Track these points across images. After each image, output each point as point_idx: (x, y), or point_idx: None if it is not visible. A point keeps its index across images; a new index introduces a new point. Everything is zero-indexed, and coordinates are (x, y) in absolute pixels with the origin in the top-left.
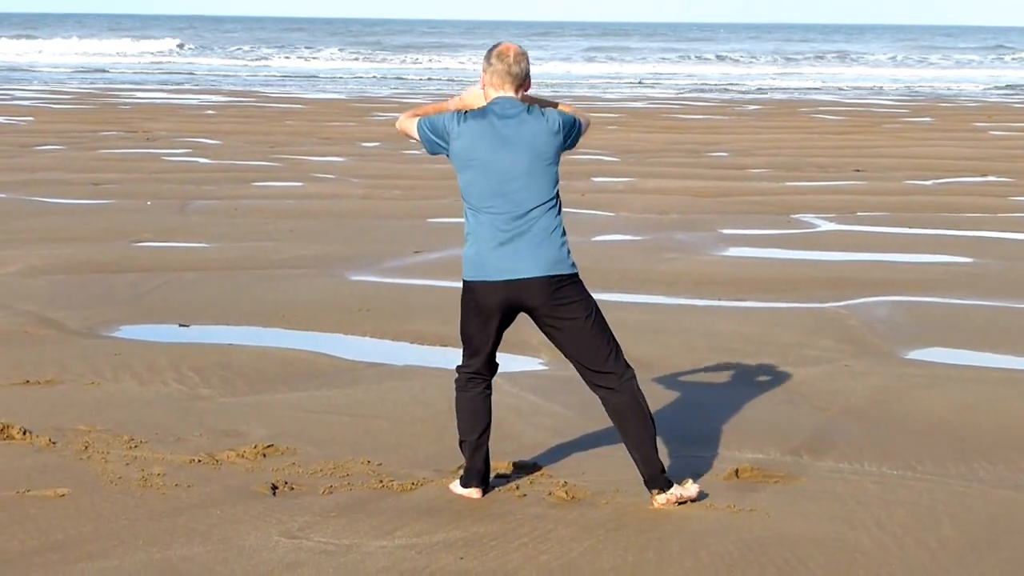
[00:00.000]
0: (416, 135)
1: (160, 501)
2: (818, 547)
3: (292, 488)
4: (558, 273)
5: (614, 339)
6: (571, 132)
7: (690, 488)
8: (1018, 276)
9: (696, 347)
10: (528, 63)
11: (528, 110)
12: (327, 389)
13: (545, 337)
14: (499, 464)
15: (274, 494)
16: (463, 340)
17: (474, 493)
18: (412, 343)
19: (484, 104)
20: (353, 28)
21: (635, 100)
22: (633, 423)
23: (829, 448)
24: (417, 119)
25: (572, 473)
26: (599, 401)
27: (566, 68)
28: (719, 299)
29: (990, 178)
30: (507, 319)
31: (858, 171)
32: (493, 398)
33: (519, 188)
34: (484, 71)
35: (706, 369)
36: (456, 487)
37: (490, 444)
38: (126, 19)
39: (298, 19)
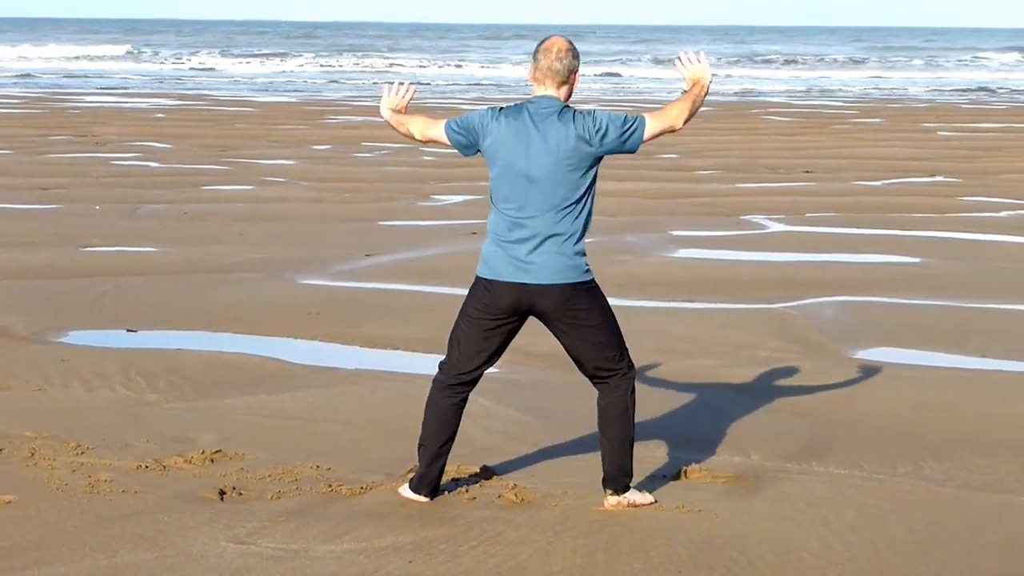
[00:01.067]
0: (445, 139)
1: (107, 507)
2: (767, 547)
3: (240, 493)
4: (571, 281)
5: (622, 341)
6: (622, 134)
7: (645, 496)
8: (965, 276)
9: (646, 348)
10: (575, 59)
11: (560, 112)
12: (276, 394)
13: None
14: (449, 468)
15: (222, 500)
16: (452, 341)
17: (421, 499)
18: (362, 347)
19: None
20: (307, 31)
21: (585, 102)
22: (614, 422)
23: (777, 448)
24: (442, 123)
25: (522, 476)
26: (549, 405)
27: (516, 72)
28: (669, 300)
29: (938, 178)
30: (514, 326)
31: (807, 172)
32: None
33: (537, 191)
34: (530, 67)
35: (655, 370)
36: (405, 490)
37: None
38: (72, 23)
39: (250, 22)
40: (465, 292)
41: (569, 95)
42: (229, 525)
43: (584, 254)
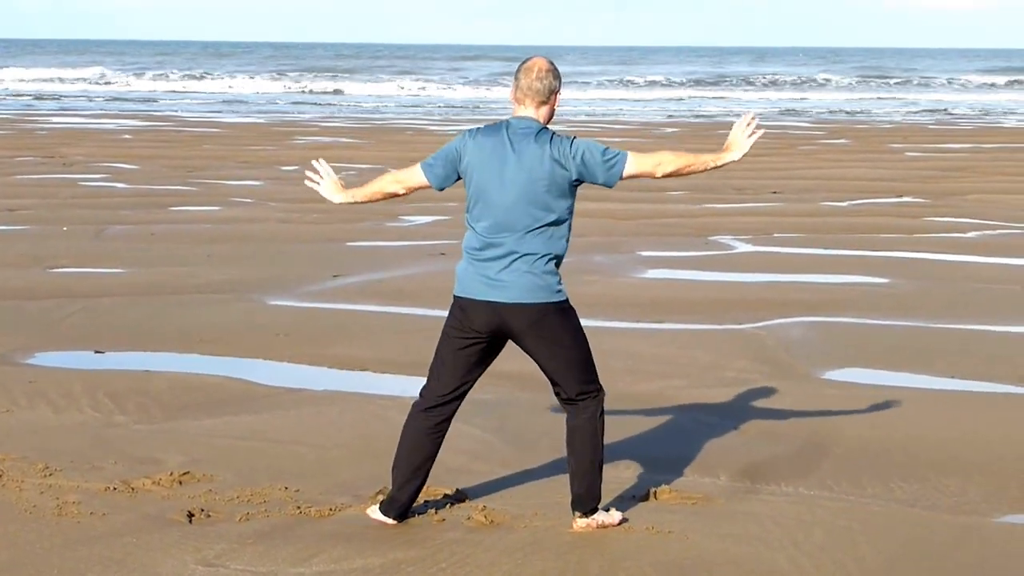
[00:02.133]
0: (425, 180)
1: (75, 529)
2: (736, 568)
3: (209, 515)
4: (542, 301)
5: (591, 363)
6: (598, 165)
7: (613, 515)
8: (932, 296)
9: (614, 369)
10: (555, 79)
11: (538, 133)
12: (244, 415)
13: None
14: None
15: (190, 522)
16: (433, 363)
17: (389, 521)
18: (330, 368)
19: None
20: (275, 52)
21: (553, 124)
22: (583, 444)
23: (746, 469)
24: (416, 166)
25: (491, 497)
26: (516, 425)
27: (480, 92)
28: (638, 321)
29: (905, 199)
30: (491, 347)
31: (775, 193)
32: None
33: (510, 209)
34: (512, 86)
35: (624, 391)
36: (374, 512)
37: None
38: (49, 44)
39: (218, 43)
40: (433, 312)
41: (550, 116)
42: (198, 547)
43: (556, 274)
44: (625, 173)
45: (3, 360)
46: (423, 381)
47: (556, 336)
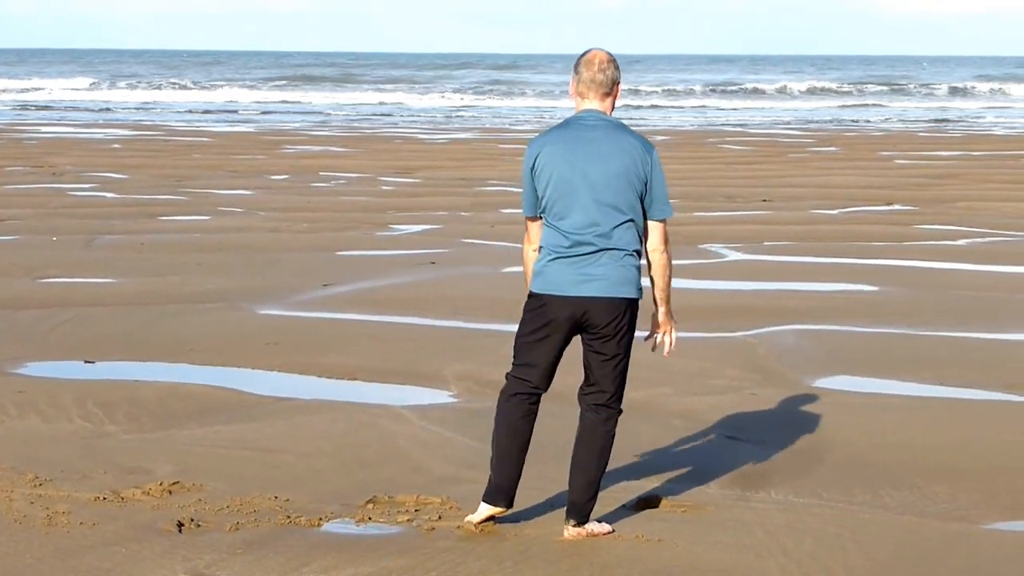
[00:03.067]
0: (536, 226)
1: (65, 539)
2: None
3: (198, 525)
4: (627, 296)
5: (626, 376)
6: (659, 196)
7: (603, 526)
8: (922, 304)
9: None
10: (616, 70)
11: (616, 125)
12: (234, 424)
13: (459, 370)
14: (407, 498)
15: (180, 531)
16: (518, 350)
17: (498, 511)
18: (320, 377)
19: None
20: (263, 61)
21: (539, 132)
22: (594, 453)
23: (736, 477)
24: (530, 225)
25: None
26: None
27: (463, 99)
28: None
29: (895, 207)
30: (571, 336)
31: (765, 201)
32: (401, 430)
33: (597, 203)
34: (571, 80)
35: None
36: (479, 512)
37: (398, 478)
38: (38, 53)
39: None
40: (424, 321)
41: (612, 108)
42: (187, 557)
43: (639, 270)
44: (665, 220)
45: None
46: (413, 390)
47: (624, 334)
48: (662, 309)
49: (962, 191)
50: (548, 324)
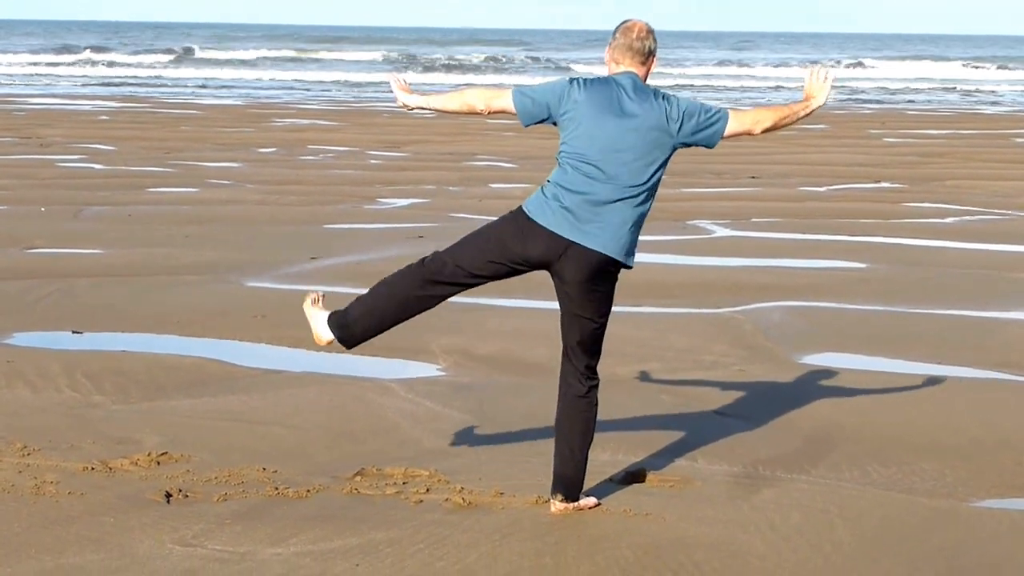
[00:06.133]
0: (512, 107)
1: (53, 509)
2: (713, 551)
3: (186, 496)
4: (614, 256)
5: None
6: (700, 123)
7: (589, 499)
8: (910, 281)
9: None
10: (654, 42)
11: (650, 91)
12: (222, 396)
13: (447, 344)
14: (396, 471)
15: (168, 502)
16: (464, 243)
17: (329, 338)
18: (308, 350)
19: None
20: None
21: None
22: (580, 426)
23: (723, 452)
24: (509, 92)
25: (469, 479)
26: (494, 407)
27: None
28: (615, 304)
29: (883, 184)
30: (520, 270)
31: (753, 177)
32: (389, 403)
33: (616, 162)
34: (608, 46)
35: (601, 374)
36: (316, 314)
37: (386, 451)
38: (31, 24)
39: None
40: None
41: (646, 77)
42: (175, 527)
43: (636, 240)
44: (727, 131)
45: None
46: (401, 363)
47: (603, 297)
48: (811, 104)
49: (951, 169)
50: (512, 248)
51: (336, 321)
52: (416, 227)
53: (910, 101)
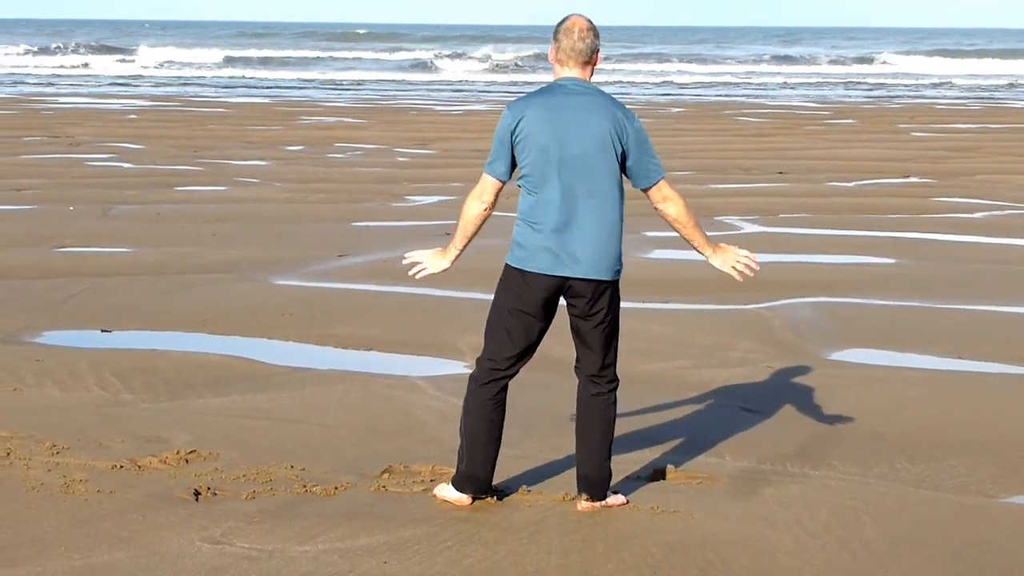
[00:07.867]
0: (495, 182)
1: (82, 507)
2: (741, 548)
3: (215, 494)
4: (608, 279)
5: (617, 347)
6: (644, 162)
7: (618, 497)
8: (939, 277)
9: (619, 348)
10: (596, 38)
11: (598, 94)
12: (250, 394)
13: (473, 341)
14: (423, 468)
15: (197, 500)
16: (491, 332)
17: (465, 500)
18: (335, 347)
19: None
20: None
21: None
22: (598, 427)
23: (752, 449)
24: (484, 177)
25: (496, 476)
26: (520, 405)
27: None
28: (642, 301)
29: (912, 179)
30: (551, 309)
31: (781, 173)
32: (416, 401)
33: (576, 173)
34: (551, 47)
35: (628, 371)
36: (444, 491)
37: (413, 448)
38: (48, 24)
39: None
40: (438, 292)
41: (591, 76)
42: (203, 525)
43: (619, 247)
44: (653, 184)
45: (10, 339)
46: (428, 360)
47: (607, 305)
48: (707, 252)
49: (980, 164)
50: (521, 299)
51: (459, 482)
52: (444, 224)
53: (939, 96)
